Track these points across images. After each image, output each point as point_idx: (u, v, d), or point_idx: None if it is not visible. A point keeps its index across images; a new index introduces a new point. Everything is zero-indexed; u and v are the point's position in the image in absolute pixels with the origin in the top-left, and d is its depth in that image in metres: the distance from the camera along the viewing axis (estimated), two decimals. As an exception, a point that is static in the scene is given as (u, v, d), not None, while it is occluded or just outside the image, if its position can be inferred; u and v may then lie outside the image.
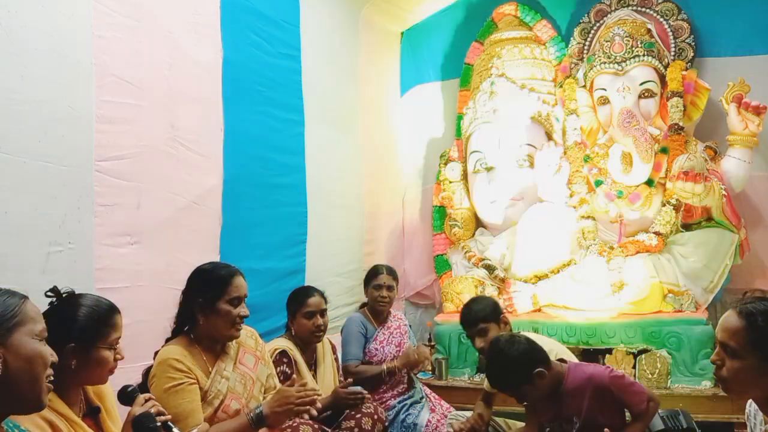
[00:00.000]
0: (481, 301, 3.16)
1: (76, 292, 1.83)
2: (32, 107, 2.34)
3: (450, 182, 5.11)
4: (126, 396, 1.83)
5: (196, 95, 3.23)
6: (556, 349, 2.82)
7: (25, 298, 1.38)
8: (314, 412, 2.24)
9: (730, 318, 1.58)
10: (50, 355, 1.37)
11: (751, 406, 1.83)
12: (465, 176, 5.09)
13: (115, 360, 1.82)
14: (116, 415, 1.90)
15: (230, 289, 2.29)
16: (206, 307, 2.27)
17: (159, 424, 1.70)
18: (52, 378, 1.37)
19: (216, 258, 3.20)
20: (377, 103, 5.22)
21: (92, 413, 1.82)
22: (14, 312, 1.32)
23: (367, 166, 4.94)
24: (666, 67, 4.45)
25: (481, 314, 2.98)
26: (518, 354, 2.36)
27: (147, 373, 2.27)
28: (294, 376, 2.82)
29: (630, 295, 4.13)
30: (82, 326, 1.73)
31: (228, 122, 3.42)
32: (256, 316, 2.67)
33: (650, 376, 3.80)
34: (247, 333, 2.49)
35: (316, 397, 2.27)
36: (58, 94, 2.44)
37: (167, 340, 2.34)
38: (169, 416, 1.80)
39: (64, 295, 1.78)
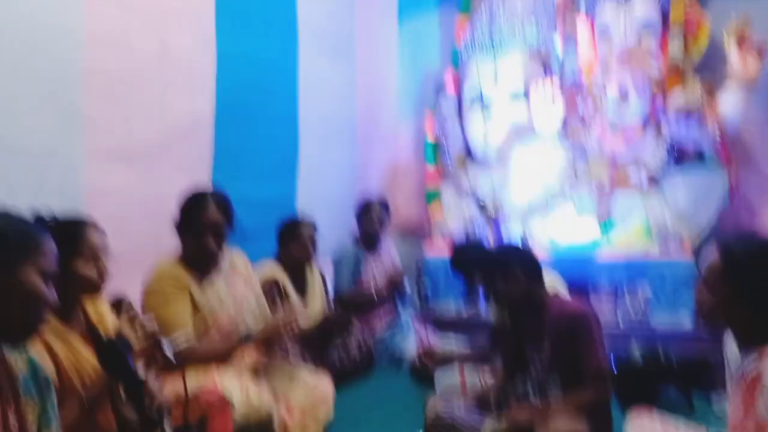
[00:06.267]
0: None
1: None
2: (22, 25, 2.29)
3: (444, 114, 5.06)
4: (110, 349, 1.62)
5: (188, 16, 3.16)
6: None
7: (45, 232, 1.28)
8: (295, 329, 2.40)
9: (711, 254, 1.63)
10: (53, 300, 1.27)
11: (727, 342, 1.88)
12: (460, 108, 5.04)
13: (100, 275, 1.79)
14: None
15: (204, 216, 2.31)
16: (182, 229, 2.34)
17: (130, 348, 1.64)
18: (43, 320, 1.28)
19: (208, 182, 3.21)
20: (374, 32, 5.10)
21: (92, 334, 1.82)
22: (28, 243, 1.23)
23: (361, 95, 4.87)
24: (669, 1, 4.35)
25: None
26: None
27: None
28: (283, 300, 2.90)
29: (618, 233, 4.17)
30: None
31: (221, 46, 3.35)
32: (247, 240, 2.69)
33: (632, 314, 3.88)
34: (236, 255, 2.53)
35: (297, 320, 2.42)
36: (48, 11, 2.38)
37: None
38: (156, 328, 1.79)
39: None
